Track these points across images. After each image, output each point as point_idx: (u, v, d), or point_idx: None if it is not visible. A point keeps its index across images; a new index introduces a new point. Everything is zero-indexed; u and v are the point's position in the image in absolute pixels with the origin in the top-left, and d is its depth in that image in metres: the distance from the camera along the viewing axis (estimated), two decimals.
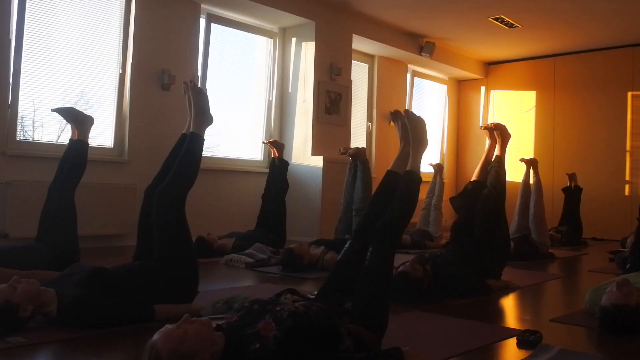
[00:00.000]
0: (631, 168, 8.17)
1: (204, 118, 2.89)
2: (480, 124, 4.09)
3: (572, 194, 7.58)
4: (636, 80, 8.16)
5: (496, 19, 7.26)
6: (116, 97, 5.59)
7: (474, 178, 3.99)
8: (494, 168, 3.87)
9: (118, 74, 5.59)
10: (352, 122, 7.42)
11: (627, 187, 8.19)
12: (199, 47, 6.11)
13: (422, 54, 8.17)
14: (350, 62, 7.30)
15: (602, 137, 8.39)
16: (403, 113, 2.50)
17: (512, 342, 2.44)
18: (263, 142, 5.81)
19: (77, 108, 3.90)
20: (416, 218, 6.88)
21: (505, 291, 3.70)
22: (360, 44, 7.60)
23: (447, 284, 3.35)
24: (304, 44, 6.91)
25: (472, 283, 3.47)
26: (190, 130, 2.87)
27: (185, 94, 2.99)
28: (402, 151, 2.50)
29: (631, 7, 6.74)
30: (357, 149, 4.84)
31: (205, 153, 6.02)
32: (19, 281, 2.33)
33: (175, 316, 2.55)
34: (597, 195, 8.01)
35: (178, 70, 5.86)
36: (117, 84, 5.59)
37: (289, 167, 5.63)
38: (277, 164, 5.44)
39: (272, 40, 7.02)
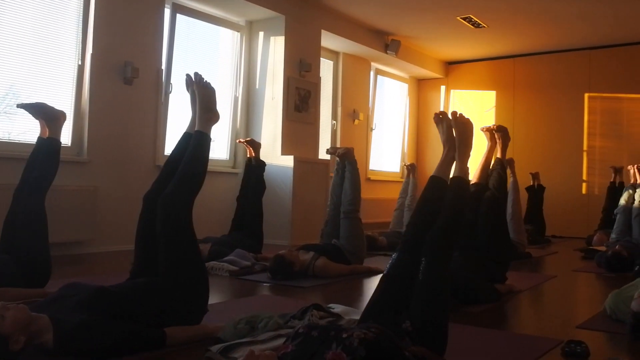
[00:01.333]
0: (588, 167, 8.33)
1: (210, 115, 2.61)
2: (481, 127, 3.94)
3: (536, 193, 7.64)
4: (593, 82, 8.32)
5: (465, 19, 7.20)
6: (74, 91, 5.14)
7: (473, 180, 3.84)
8: (496, 170, 3.77)
9: (77, 65, 5.14)
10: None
11: (584, 185, 8.34)
12: (164, 38, 5.72)
13: (388, 51, 8.04)
14: (319, 58, 7.08)
15: (560, 137, 8.51)
16: (450, 115, 2.34)
17: (555, 353, 2.32)
18: (239, 141, 5.49)
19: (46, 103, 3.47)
20: (389, 219, 6.77)
21: (510, 295, 3.59)
22: (325, 40, 7.37)
23: (460, 291, 3.18)
24: (272, 38, 6.62)
25: (484, 288, 3.32)
26: (196, 128, 2.57)
27: (187, 88, 2.69)
28: (447, 156, 2.34)
29: (590, 10, 6.83)
30: (347, 149, 4.61)
31: (166, 152, 5.76)
32: (7, 308, 1.96)
33: (188, 340, 2.26)
34: (555, 194, 8.10)
35: (142, 62, 5.46)
36: (75, 76, 5.14)
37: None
38: (254, 164, 5.14)
39: (238, 33, 6.70)
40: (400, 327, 1.91)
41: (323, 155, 7.48)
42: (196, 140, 2.54)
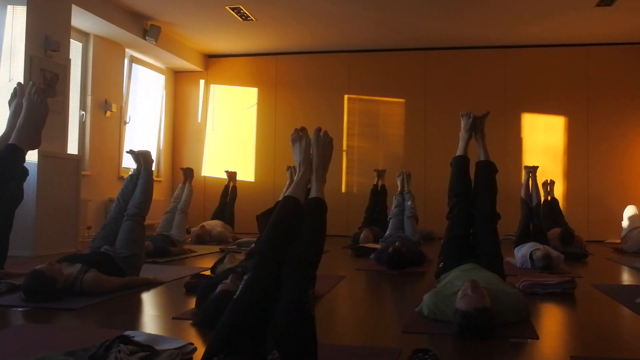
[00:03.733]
0: (347, 167, 8.62)
1: (36, 137, 1.95)
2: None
3: None
4: (351, 84, 8.64)
5: (234, 9, 6.84)
6: None
7: (289, 193, 3.52)
8: None
9: None
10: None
11: (343, 184, 8.62)
12: None
13: (147, 38, 7.30)
14: (69, 37, 6.07)
15: None
16: (313, 133, 2.18)
17: None
18: None
19: None
20: (157, 220, 6.19)
21: (315, 301, 3.31)
22: (74, 18, 6.35)
23: None
24: (10, 7, 5.44)
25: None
26: (12, 141, 1.86)
27: (12, 99, 1.95)
28: (302, 178, 2.17)
29: (352, 14, 7.02)
30: (147, 151, 4.18)
31: None
32: None
33: None
34: None
35: None
36: None
37: None
38: None
39: None
40: (265, 359, 1.45)
41: (72, 149, 6.52)
42: (8, 153, 1.82)
